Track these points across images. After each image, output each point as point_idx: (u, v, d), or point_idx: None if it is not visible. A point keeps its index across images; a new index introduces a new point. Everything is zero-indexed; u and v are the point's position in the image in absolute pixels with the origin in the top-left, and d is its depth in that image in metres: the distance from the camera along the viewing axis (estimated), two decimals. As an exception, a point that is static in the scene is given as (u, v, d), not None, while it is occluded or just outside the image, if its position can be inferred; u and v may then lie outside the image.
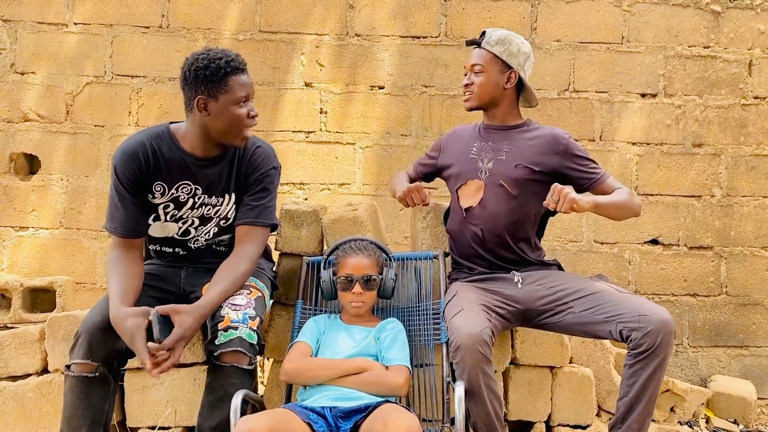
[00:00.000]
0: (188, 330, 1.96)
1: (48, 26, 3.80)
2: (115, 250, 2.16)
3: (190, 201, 2.24)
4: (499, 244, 2.38)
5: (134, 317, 1.93)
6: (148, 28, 3.81)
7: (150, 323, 1.91)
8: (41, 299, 2.90)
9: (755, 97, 3.85)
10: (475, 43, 2.46)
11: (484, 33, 2.46)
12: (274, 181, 2.31)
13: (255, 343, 2.04)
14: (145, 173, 2.17)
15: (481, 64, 2.42)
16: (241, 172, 2.26)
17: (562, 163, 2.37)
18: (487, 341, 2.00)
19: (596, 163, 2.41)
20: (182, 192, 2.23)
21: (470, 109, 2.48)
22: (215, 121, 2.12)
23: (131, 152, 2.16)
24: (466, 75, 2.48)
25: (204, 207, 2.26)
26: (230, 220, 2.29)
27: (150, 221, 2.26)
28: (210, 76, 2.06)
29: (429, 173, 2.66)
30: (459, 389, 1.90)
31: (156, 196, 2.21)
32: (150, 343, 1.89)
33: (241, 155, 2.26)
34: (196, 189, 2.23)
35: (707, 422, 3.15)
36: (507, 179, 2.36)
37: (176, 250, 2.31)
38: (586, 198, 2.14)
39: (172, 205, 2.24)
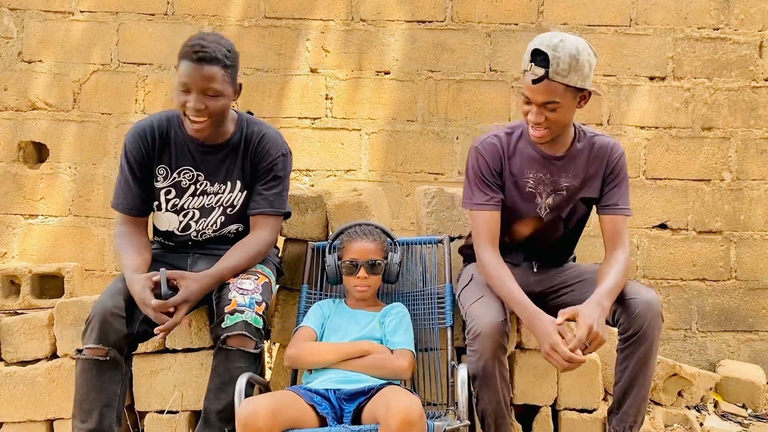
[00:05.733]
0: (192, 295, 2.03)
1: (54, 14, 3.80)
2: (122, 226, 2.24)
3: (192, 187, 2.25)
4: (542, 253, 2.34)
5: (144, 281, 2.02)
6: (153, 15, 3.81)
7: (157, 285, 2.01)
8: (50, 285, 2.92)
9: (766, 79, 3.79)
10: (544, 77, 1.97)
11: (542, 56, 1.97)
12: (285, 167, 2.31)
13: (261, 327, 2.05)
14: (151, 154, 2.21)
15: (555, 101, 2.00)
16: (247, 160, 2.26)
17: (603, 178, 2.22)
18: (507, 331, 2.01)
19: (627, 196, 2.24)
20: (184, 177, 2.25)
21: (543, 143, 2.15)
22: None
23: (140, 131, 2.22)
24: (528, 104, 2.05)
25: (205, 196, 2.27)
26: (237, 208, 2.29)
27: (154, 209, 2.28)
28: (179, 56, 2.11)
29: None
30: (462, 372, 1.91)
31: (159, 179, 2.24)
32: (154, 300, 1.97)
33: (246, 143, 2.25)
34: (198, 175, 2.25)
35: (715, 406, 3.14)
36: (568, 215, 2.26)
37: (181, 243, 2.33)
38: (600, 318, 1.96)
39: (173, 191, 2.25)
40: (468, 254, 2.46)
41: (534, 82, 1.99)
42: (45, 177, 3.79)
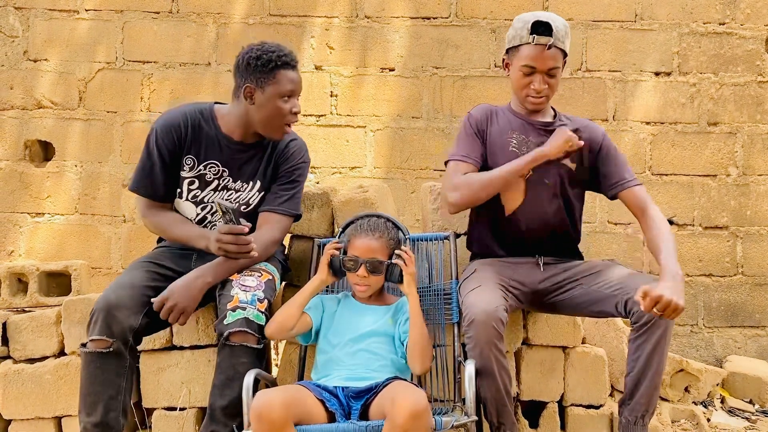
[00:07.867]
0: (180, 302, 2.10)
1: (59, 13, 3.81)
2: (149, 209, 2.31)
3: (215, 182, 2.31)
4: (542, 239, 2.34)
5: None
6: (158, 13, 3.81)
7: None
8: (57, 283, 2.92)
9: (772, 74, 3.78)
10: (552, 45, 2.17)
11: (545, 26, 2.17)
12: (304, 174, 2.40)
13: (263, 324, 2.06)
14: (182, 144, 2.27)
15: (558, 66, 2.21)
16: (272, 161, 2.34)
17: (598, 163, 2.31)
18: (502, 319, 2.01)
19: (629, 167, 2.33)
20: (209, 171, 2.30)
21: (539, 111, 2.31)
22: (259, 111, 2.21)
23: (173, 120, 2.27)
24: (529, 75, 2.21)
25: (226, 191, 2.31)
26: (251, 206, 2.33)
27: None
28: (260, 67, 2.16)
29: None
30: (469, 367, 1.91)
31: (185, 168, 2.29)
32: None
33: (274, 146, 2.34)
34: (223, 171, 2.30)
35: (722, 402, 3.14)
36: (552, 179, 2.28)
37: None
38: (677, 283, 1.95)
39: (196, 182, 2.30)
40: (474, 250, 2.47)
41: (548, 48, 2.16)
42: (51, 175, 3.80)
